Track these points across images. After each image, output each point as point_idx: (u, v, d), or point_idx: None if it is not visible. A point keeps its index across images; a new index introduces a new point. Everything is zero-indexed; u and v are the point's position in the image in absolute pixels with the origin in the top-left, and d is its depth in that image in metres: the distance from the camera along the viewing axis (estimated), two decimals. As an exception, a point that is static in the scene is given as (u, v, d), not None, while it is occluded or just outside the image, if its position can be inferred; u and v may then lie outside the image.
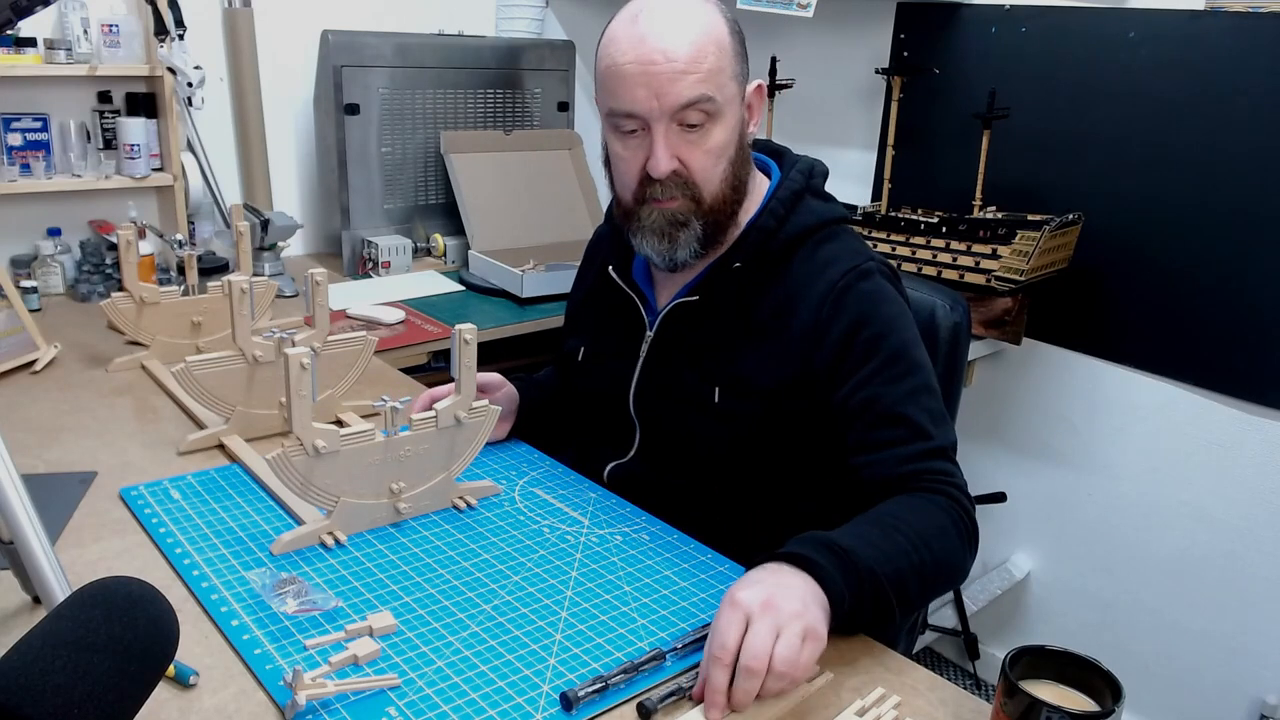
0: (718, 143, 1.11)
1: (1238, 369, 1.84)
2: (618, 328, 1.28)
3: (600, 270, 1.32)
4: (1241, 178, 1.78)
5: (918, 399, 1.09)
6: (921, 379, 1.11)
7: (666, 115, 1.08)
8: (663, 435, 1.24)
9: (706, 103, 1.08)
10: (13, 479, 0.83)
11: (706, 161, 1.11)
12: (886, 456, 1.07)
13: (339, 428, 1.05)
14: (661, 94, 1.07)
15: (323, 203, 2.54)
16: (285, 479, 1.03)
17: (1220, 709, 1.98)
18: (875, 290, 1.14)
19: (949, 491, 1.05)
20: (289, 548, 1.06)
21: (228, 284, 1.65)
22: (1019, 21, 2.02)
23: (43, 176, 2.03)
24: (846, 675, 0.91)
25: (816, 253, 1.17)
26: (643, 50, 1.07)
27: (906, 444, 1.07)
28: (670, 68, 1.06)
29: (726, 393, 1.17)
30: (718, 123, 1.10)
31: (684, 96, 1.07)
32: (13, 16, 0.87)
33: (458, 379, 1.11)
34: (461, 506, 1.18)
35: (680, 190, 1.12)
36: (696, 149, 1.11)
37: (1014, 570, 2.26)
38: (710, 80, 1.08)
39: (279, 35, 2.39)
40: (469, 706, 0.83)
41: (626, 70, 1.08)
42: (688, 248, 1.15)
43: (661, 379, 1.23)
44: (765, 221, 1.17)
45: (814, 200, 1.20)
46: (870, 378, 1.10)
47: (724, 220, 1.16)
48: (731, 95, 1.11)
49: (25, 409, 1.43)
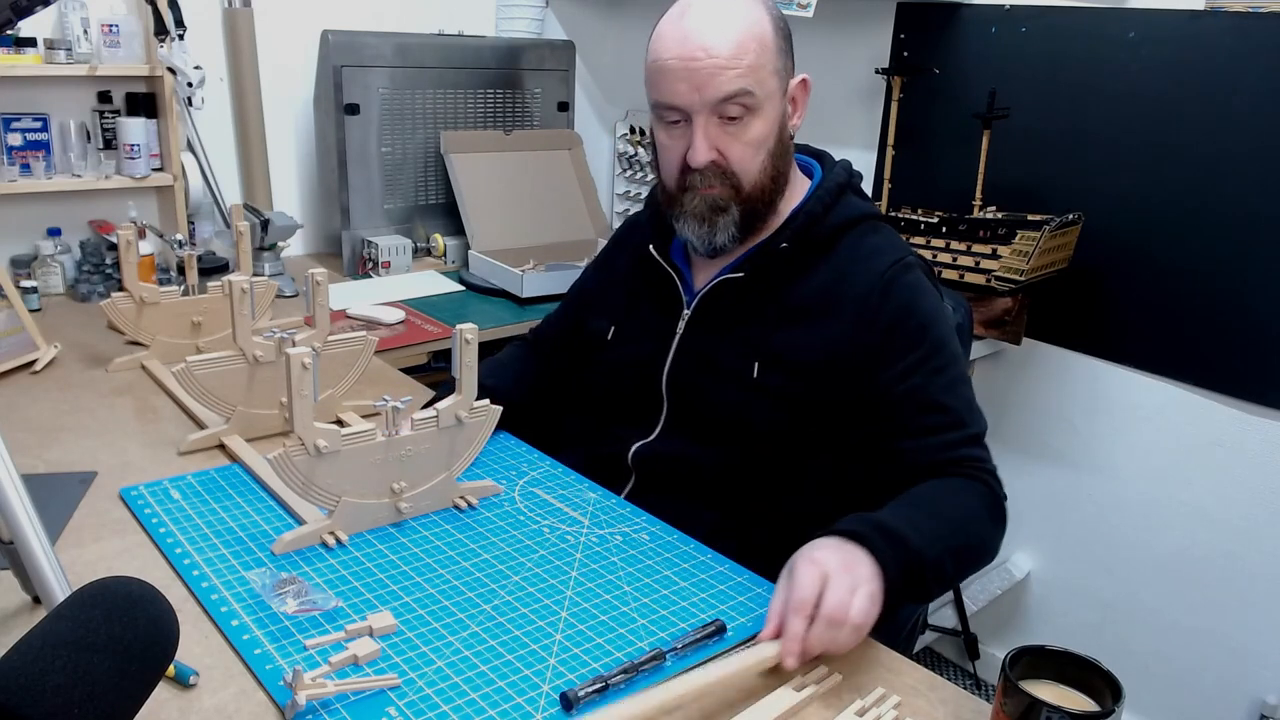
0: (757, 135, 1.16)
1: (1238, 369, 1.84)
2: (653, 306, 1.32)
3: (635, 252, 1.36)
4: (1241, 177, 1.78)
5: (956, 389, 1.16)
6: (960, 370, 1.17)
7: (707, 108, 1.13)
8: (694, 411, 1.27)
9: (745, 96, 1.13)
10: (13, 479, 0.83)
11: (745, 152, 1.17)
12: (930, 443, 1.13)
13: (340, 428, 1.05)
14: (702, 88, 1.12)
15: (323, 203, 2.54)
16: (287, 479, 1.03)
17: (1220, 709, 1.98)
18: (918, 283, 1.20)
19: (983, 477, 1.11)
20: (290, 547, 1.06)
21: (228, 284, 1.65)
22: (1019, 21, 2.02)
23: (43, 176, 2.03)
24: (847, 675, 0.91)
25: (862, 241, 1.22)
26: (686, 47, 1.12)
27: (947, 431, 1.13)
28: (711, 63, 1.11)
29: (766, 368, 1.20)
30: (757, 116, 1.15)
31: (723, 90, 1.12)
32: (13, 16, 0.87)
33: (459, 378, 1.11)
34: (462, 506, 1.18)
35: (719, 179, 1.17)
36: (736, 140, 1.16)
37: (1014, 570, 2.26)
38: (750, 75, 1.12)
39: (279, 35, 2.39)
40: (469, 706, 0.83)
41: (670, 65, 1.14)
42: (726, 232, 1.21)
43: (698, 355, 1.26)
44: (814, 207, 1.22)
45: (854, 196, 1.26)
46: (915, 366, 1.15)
47: (762, 209, 1.21)
48: (772, 90, 1.15)
49: (25, 409, 1.43)
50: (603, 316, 1.38)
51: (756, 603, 1.02)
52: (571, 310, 1.48)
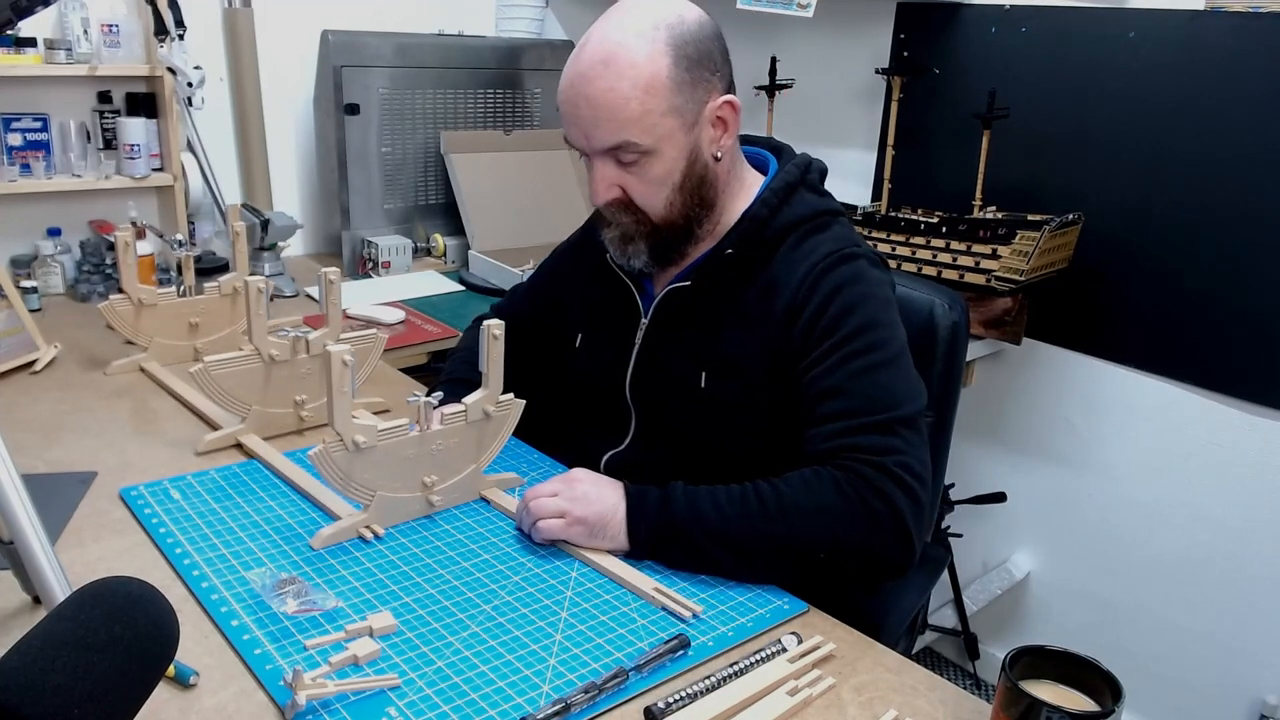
0: (656, 175, 1.13)
1: (1238, 369, 1.84)
2: (614, 316, 1.30)
3: (597, 260, 1.33)
4: (1241, 178, 1.77)
5: (869, 375, 1.09)
6: (883, 355, 1.11)
7: (598, 152, 1.13)
8: (657, 422, 1.26)
9: (631, 147, 1.10)
10: (13, 479, 0.83)
11: (647, 190, 1.15)
12: (821, 432, 1.09)
13: (376, 423, 1.07)
14: (588, 135, 1.12)
15: (323, 203, 2.54)
16: (327, 474, 1.04)
17: (1220, 709, 1.98)
18: (854, 272, 1.15)
19: (863, 471, 1.03)
20: (329, 542, 1.08)
21: (231, 285, 1.65)
22: (1019, 21, 2.02)
23: (43, 176, 2.03)
24: (847, 675, 0.92)
25: (805, 240, 1.18)
26: (572, 93, 1.11)
27: (838, 419, 1.08)
28: (592, 115, 1.10)
29: (712, 376, 1.19)
30: (653, 158, 1.12)
31: (605, 142, 1.11)
32: (13, 16, 0.87)
33: (486, 373, 1.13)
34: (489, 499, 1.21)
35: (624, 212, 1.17)
36: (637, 179, 1.14)
37: (1014, 570, 2.26)
38: (633, 126, 1.09)
39: (279, 35, 2.39)
40: (469, 706, 0.83)
41: (564, 107, 1.13)
42: (639, 259, 1.20)
43: (655, 365, 1.25)
44: (758, 211, 1.19)
45: (808, 194, 1.22)
46: (825, 354, 1.11)
47: (676, 237, 1.19)
48: (667, 131, 1.11)
49: (25, 409, 1.43)
50: (570, 323, 1.37)
51: (757, 603, 1.02)
52: (538, 298, 1.45)
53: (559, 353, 1.38)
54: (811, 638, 0.95)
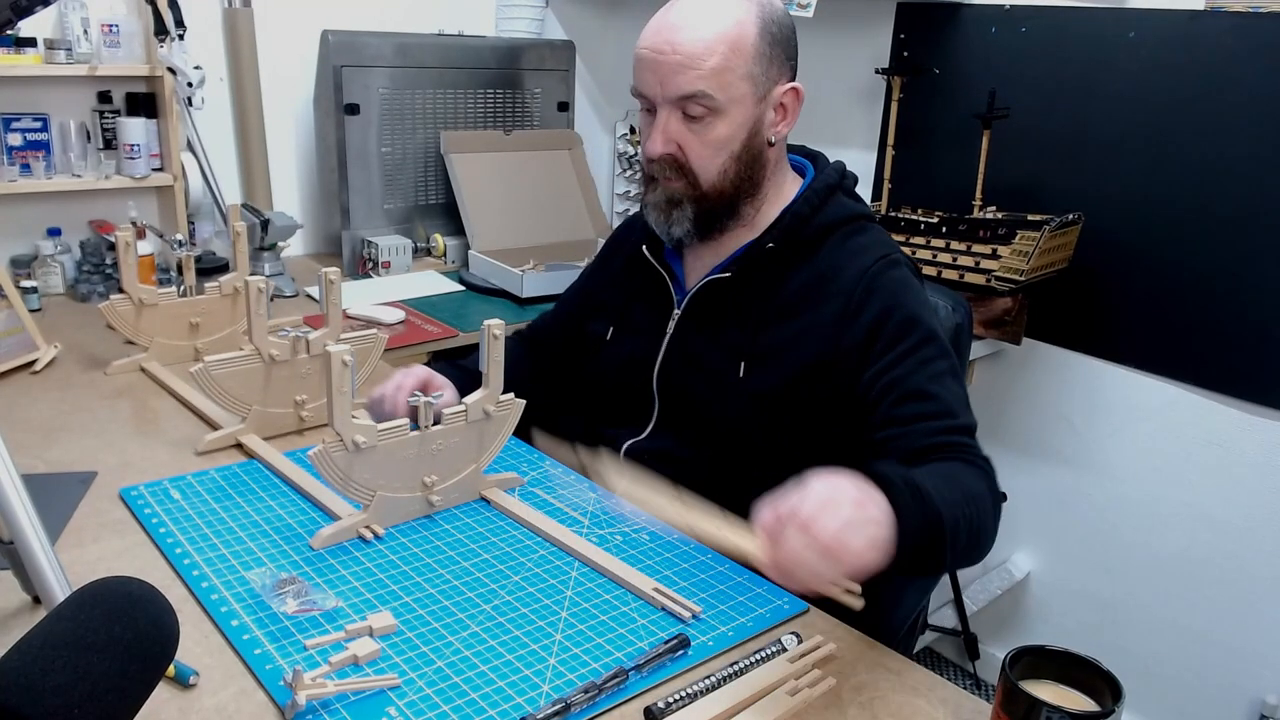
0: (718, 136, 1.16)
1: (1238, 369, 1.84)
2: (646, 306, 1.33)
3: (631, 251, 1.36)
4: (1241, 178, 1.78)
5: (944, 381, 1.12)
6: (949, 364, 1.14)
7: (669, 102, 1.15)
8: (683, 410, 1.27)
9: (705, 98, 1.13)
10: (13, 479, 0.83)
11: (704, 151, 1.17)
12: (915, 430, 1.08)
13: (376, 423, 1.07)
14: (664, 82, 1.14)
15: (323, 203, 2.54)
16: (327, 474, 1.05)
17: (1220, 709, 1.98)
18: (904, 279, 1.19)
19: (979, 463, 1.06)
20: (329, 542, 1.08)
21: (231, 285, 1.65)
22: (1019, 21, 2.02)
23: (43, 176, 2.03)
24: (847, 675, 0.92)
25: (848, 241, 1.22)
26: (657, 39, 1.14)
27: (935, 419, 1.09)
28: (675, 60, 1.12)
29: (751, 368, 1.20)
30: (720, 118, 1.15)
31: (681, 89, 1.13)
32: (13, 16, 0.87)
33: (486, 373, 1.13)
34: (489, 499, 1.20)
35: (676, 173, 1.19)
36: (696, 138, 1.17)
37: (1014, 570, 2.26)
38: (712, 78, 1.12)
39: (279, 35, 2.38)
40: (469, 706, 0.83)
41: (642, 54, 1.16)
42: (681, 226, 1.22)
43: (687, 354, 1.27)
44: (800, 208, 1.22)
45: (845, 197, 1.26)
46: (900, 359, 1.12)
47: (720, 209, 1.21)
48: (740, 95, 1.15)
49: (25, 409, 1.43)
50: (601, 318, 1.39)
51: (757, 602, 1.02)
52: (568, 310, 1.48)
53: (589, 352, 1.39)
54: (811, 637, 0.95)
